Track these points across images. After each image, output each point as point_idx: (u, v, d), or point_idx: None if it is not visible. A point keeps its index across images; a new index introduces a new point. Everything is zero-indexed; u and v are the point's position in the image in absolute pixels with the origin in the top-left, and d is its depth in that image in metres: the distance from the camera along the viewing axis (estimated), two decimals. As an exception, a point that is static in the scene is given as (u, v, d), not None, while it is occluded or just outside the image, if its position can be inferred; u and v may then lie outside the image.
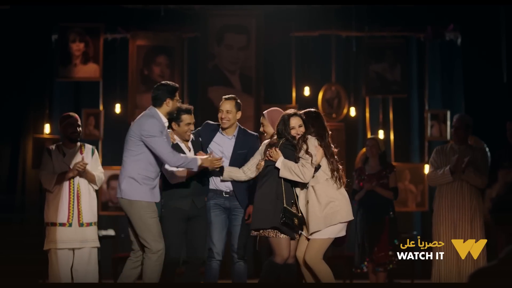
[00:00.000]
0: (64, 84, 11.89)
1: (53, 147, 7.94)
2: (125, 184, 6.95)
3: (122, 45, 11.81)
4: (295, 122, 6.89)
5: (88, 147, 7.92)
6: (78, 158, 7.81)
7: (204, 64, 11.68)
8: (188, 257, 7.20)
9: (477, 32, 10.88)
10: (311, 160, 6.72)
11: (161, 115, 7.00)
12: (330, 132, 6.97)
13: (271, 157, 6.81)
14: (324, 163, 6.85)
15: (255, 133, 7.50)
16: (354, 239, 9.47)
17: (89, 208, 7.77)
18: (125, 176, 6.97)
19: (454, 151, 8.74)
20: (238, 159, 7.26)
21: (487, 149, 9.81)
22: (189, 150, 7.23)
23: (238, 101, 7.37)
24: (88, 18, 11.50)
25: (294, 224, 6.72)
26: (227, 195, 7.28)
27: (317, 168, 6.83)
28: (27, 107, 11.08)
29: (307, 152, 6.75)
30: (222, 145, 7.33)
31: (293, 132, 6.88)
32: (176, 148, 7.10)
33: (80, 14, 11.38)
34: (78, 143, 7.93)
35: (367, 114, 11.96)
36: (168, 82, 7.20)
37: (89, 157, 7.85)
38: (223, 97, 7.39)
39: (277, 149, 6.81)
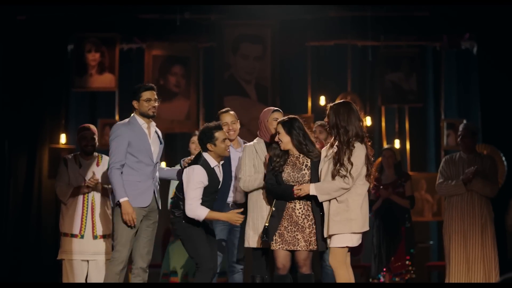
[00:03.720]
0: (80, 94, 11.92)
1: (69, 157, 7.94)
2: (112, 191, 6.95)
3: (138, 55, 11.82)
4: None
5: (105, 158, 7.85)
6: (94, 169, 7.80)
7: (220, 74, 11.67)
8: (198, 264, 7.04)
9: (493, 41, 10.82)
10: (350, 170, 6.43)
11: (138, 118, 6.95)
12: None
13: (300, 195, 6.55)
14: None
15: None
16: (370, 250, 9.45)
17: (104, 220, 7.76)
18: None
19: (463, 160, 8.69)
20: None
21: (503, 159, 9.78)
22: (221, 172, 6.92)
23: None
24: (104, 28, 11.52)
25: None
26: (232, 208, 7.18)
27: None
28: (43, 117, 11.12)
29: (349, 160, 6.45)
30: (236, 159, 7.22)
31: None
32: (211, 173, 6.77)
33: (95, 24, 11.41)
34: (95, 154, 7.93)
35: (383, 124, 11.92)
36: (138, 85, 7.14)
37: (106, 169, 7.82)
38: (220, 112, 7.35)
39: (300, 187, 6.55)
